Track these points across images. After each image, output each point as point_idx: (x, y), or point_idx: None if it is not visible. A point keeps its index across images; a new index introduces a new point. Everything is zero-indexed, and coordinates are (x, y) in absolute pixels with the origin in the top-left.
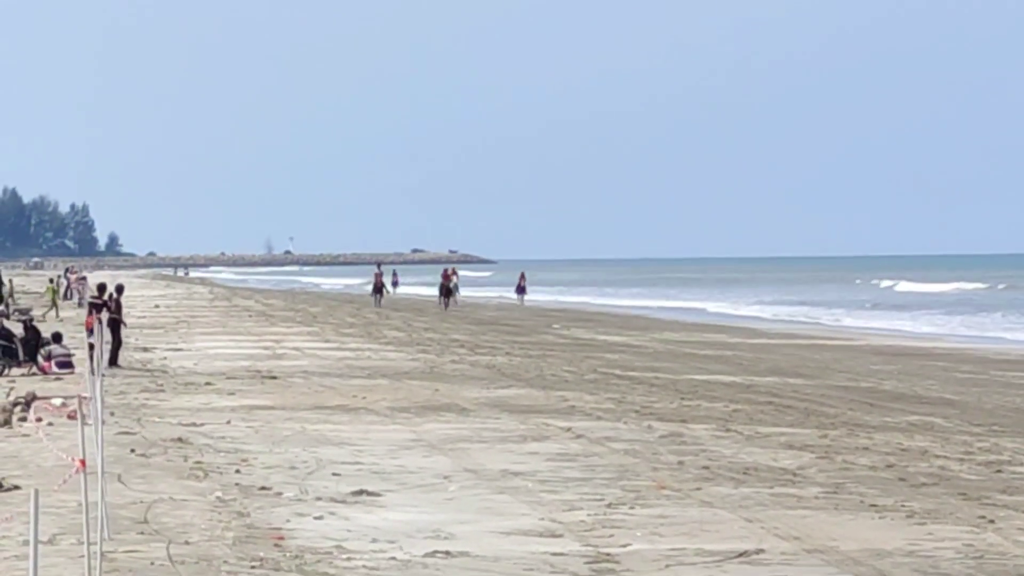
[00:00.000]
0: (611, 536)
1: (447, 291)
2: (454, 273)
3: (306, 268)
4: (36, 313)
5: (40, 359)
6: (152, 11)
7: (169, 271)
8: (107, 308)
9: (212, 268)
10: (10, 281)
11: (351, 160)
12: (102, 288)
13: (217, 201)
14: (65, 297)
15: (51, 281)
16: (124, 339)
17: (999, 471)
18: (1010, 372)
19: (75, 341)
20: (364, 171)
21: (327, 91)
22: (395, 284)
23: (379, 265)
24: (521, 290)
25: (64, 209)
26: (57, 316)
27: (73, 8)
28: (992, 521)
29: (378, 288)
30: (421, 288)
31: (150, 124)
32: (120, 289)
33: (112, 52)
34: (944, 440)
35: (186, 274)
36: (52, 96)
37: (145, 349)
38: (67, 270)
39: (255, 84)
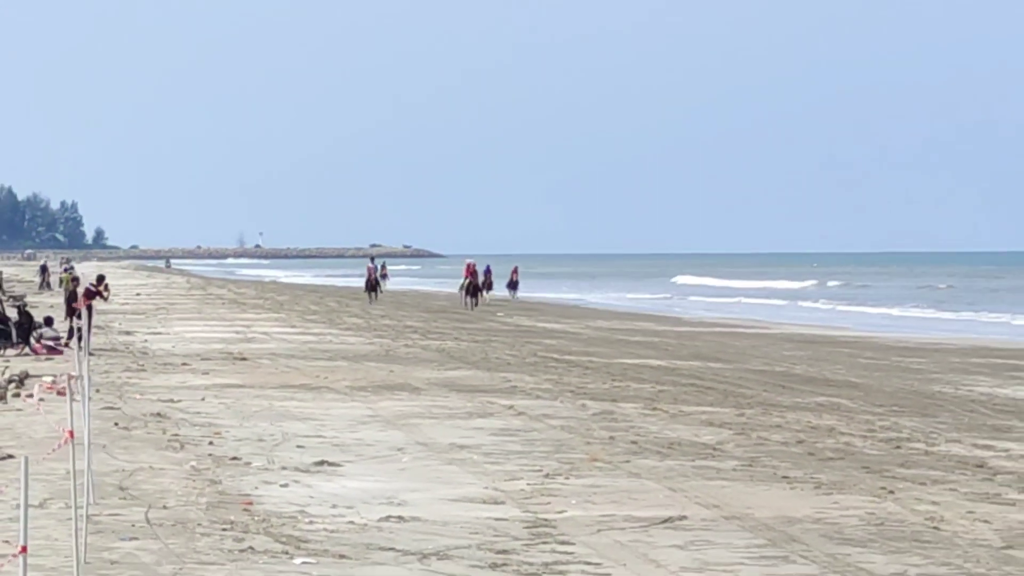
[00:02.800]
0: (548, 503)
1: (475, 288)
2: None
3: (231, 261)
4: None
5: (32, 341)
6: (129, 26)
7: (151, 263)
8: (100, 296)
9: (169, 260)
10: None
11: (315, 160)
12: (100, 279)
13: (194, 198)
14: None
15: (66, 271)
16: (107, 324)
17: (898, 447)
18: (908, 358)
19: (64, 325)
20: (327, 170)
21: (293, 97)
22: (384, 277)
23: (372, 259)
24: (513, 285)
25: (55, 206)
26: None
27: (58, 26)
28: (892, 492)
29: (372, 285)
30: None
31: (134, 127)
32: (100, 278)
33: (99, 61)
34: (849, 419)
35: (168, 266)
36: (45, 101)
37: (128, 333)
38: (63, 260)
39: (228, 93)
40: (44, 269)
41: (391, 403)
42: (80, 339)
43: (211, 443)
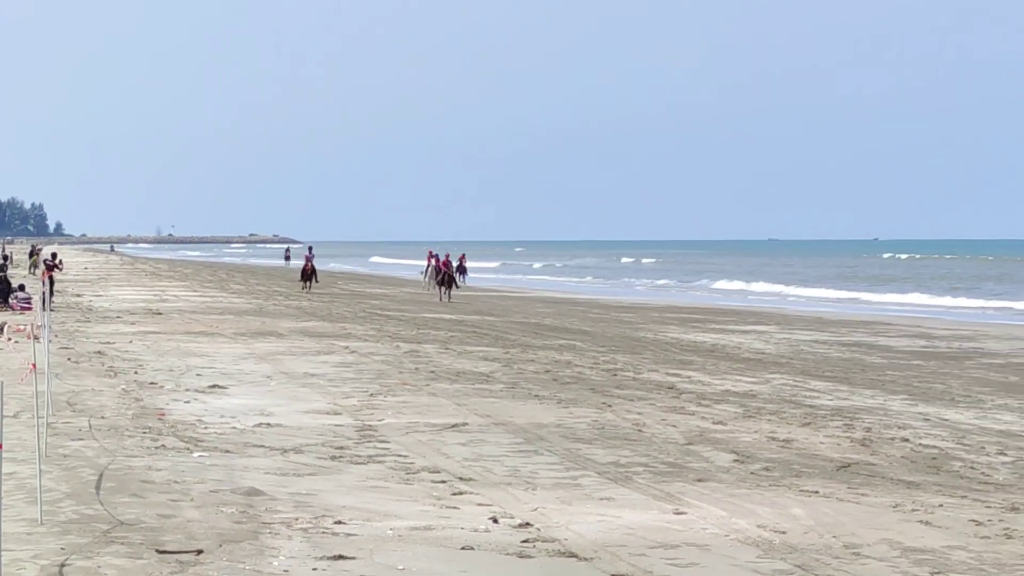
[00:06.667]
0: (372, 414)
1: (449, 279)
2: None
3: (130, 246)
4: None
5: (10, 301)
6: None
7: (96, 247)
8: (57, 268)
9: (113, 245)
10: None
11: (209, 160)
12: (54, 255)
13: (126, 198)
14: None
15: (35, 255)
16: (63, 289)
17: (615, 375)
18: (624, 314)
19: (33, 289)
20: (216, 170)
21: (187, 109)
22: (287, 258)
23: (310, 248)
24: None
25: (27, 206)
26: (33, 272)
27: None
28: (610, 406)
29: (309, 273)
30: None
31: (84, 147)
32: (54, 255)
33: (60, 95)
34: (581, 355)
35: (112, 250)
36: (17, 125)
37: (78, 295)
38: (33, 246)
39: (148, 117)
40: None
41: (263, 344)
42: (44, 300)
43: (136, 372)
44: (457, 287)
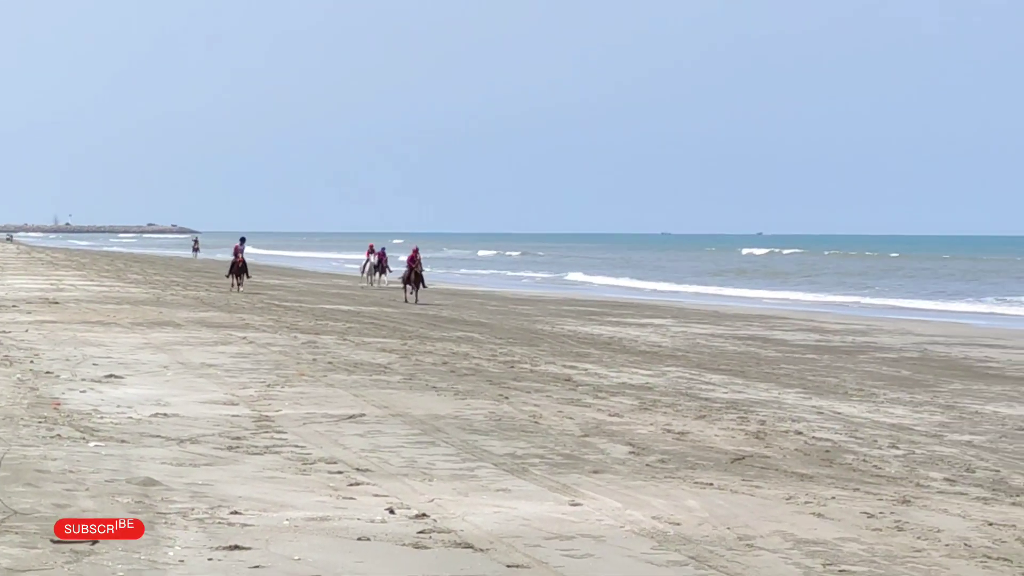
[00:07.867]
0: (269, 404)
1: (417, 278)
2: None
3: (22, 234)
4: None
5: None
6: None
7: None
8: None
9: (12, 235)
10: None
11: (107, 150)
12: None
13: (24, 186)
14: None
15: None
16: None
17: (512, 367)
18: (521, 307)
19: None
20: (116, 160)
21: (86, 98)
22: (195, 250)
23: (243, 240)
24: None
25: None
26: None
27: None
28: (507, 398)
29: (239, 268)
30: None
31: None
32: None
33: None
34: (479, 347)
35: (10, 239)
36: None
37: None
38: None
39: (47, 107)
40: None
41: (160, 334)
42: None
43: (32, 362)
44: (424, 286)
